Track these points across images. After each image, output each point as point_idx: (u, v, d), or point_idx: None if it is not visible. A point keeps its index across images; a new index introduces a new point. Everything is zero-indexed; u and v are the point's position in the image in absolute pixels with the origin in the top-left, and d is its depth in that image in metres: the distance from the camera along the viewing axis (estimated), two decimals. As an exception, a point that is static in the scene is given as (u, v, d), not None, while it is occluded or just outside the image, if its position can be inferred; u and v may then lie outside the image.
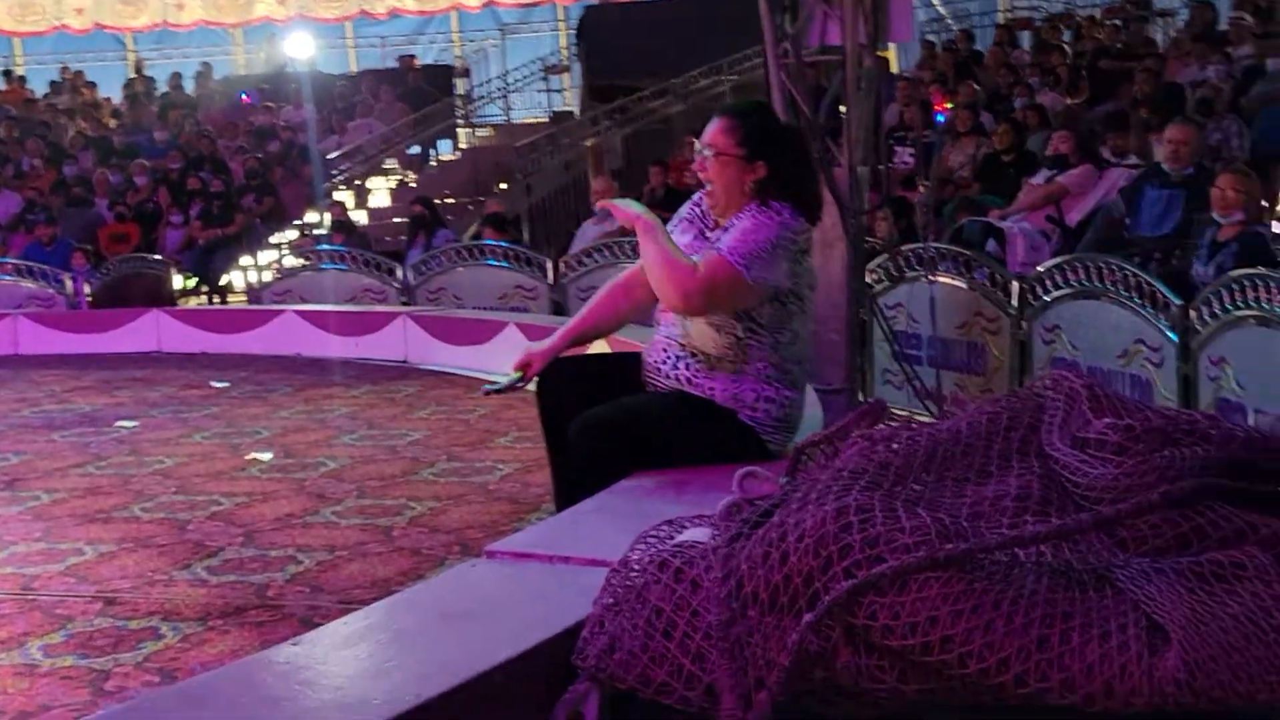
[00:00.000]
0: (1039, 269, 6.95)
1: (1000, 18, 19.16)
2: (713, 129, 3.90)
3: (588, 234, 11.21)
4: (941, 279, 7.39)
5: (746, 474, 2.86)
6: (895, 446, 2.68)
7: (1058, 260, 6.88)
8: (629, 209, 3.89)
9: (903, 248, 7.68)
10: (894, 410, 7.87)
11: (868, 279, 7.62)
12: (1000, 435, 2.72)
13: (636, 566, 2.60)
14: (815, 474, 2.73)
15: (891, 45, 12.97)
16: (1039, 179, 8.78)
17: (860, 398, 7.71)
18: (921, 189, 8.07)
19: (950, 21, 19.44)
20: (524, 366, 4.09)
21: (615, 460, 3.70)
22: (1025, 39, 16.02)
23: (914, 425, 2.87)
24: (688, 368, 3.88)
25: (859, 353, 7.72)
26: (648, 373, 3.99)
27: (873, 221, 8.38)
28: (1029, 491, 2.51)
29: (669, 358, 3.93)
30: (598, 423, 3.73)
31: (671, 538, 2.74)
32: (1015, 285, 6.98)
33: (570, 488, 3.79)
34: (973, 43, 16.18)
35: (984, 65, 14.04)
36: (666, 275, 3.75)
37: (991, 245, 8.05)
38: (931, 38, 17.44)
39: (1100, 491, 2.43)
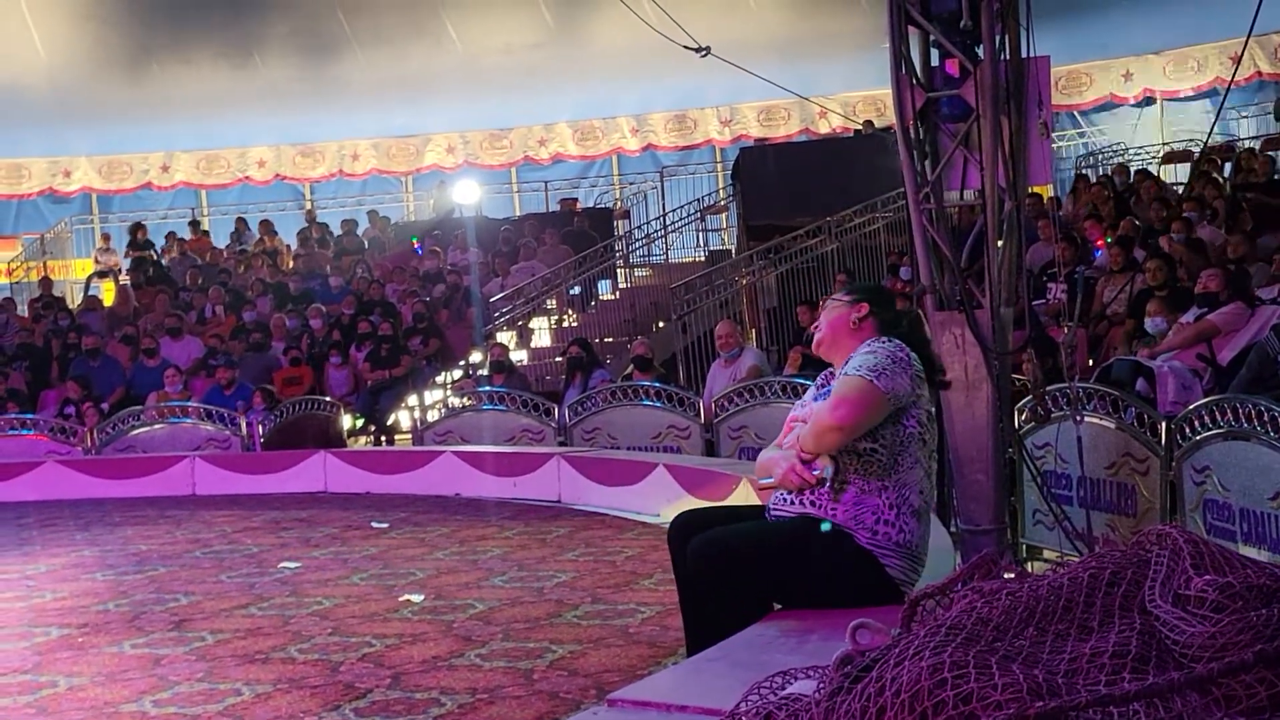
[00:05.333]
0: (1187, 409, 6.87)
1: (1158, 151, 19.04)
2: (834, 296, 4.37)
3: (718, 376, 11.37)
4: (1090, 419, 7.35)
5: (859, 625, 2.94)
6: (998, 602, 2.74)
7: (1206, 400, 6.80)
8: (776, 466, 4.12)
9: (1049, 387, 7.65)
10: (1046, 551, 7.83)
11: (1015, 419, 7.61)
12: (1103, 590, 2.76)
13: (744, 718, 2.69)
14: (919, 628, 2.80)
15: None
16: (1189, 317, 8.69)
17: (1010, 538, 7.65)
18: (1065, 329, 8.05)
19: (1107, 155, 19.38)
20: None
21: (733, 580, 3.85)
22: (1182, 172, 15.87)
23: (1022, 578, 2.92)
24: (812, 491, 4.02)
25: (1008, 493, 7.68)
26: (774, 507, 4.13)
27: (1019, 360, 8.36)
28: (1127, 648, 2.54)
29: (793, 494, 4.08)
30: (715, 540, 3.90)
31: (782, 689, 2.82)
32: (1163, 426, 6.91)
33: (692, 608, 3.96)
34: (1129, 176, 16.08)
35: (1139, 199, 13.95)
36: (815, 425, 3.99)
37: (1141, 384, 7.97)
38: (1088, 171, 17.39)
39: (1197, 649, 2.46)
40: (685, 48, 10.87)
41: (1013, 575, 2.99)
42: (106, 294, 20.55)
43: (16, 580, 7.85)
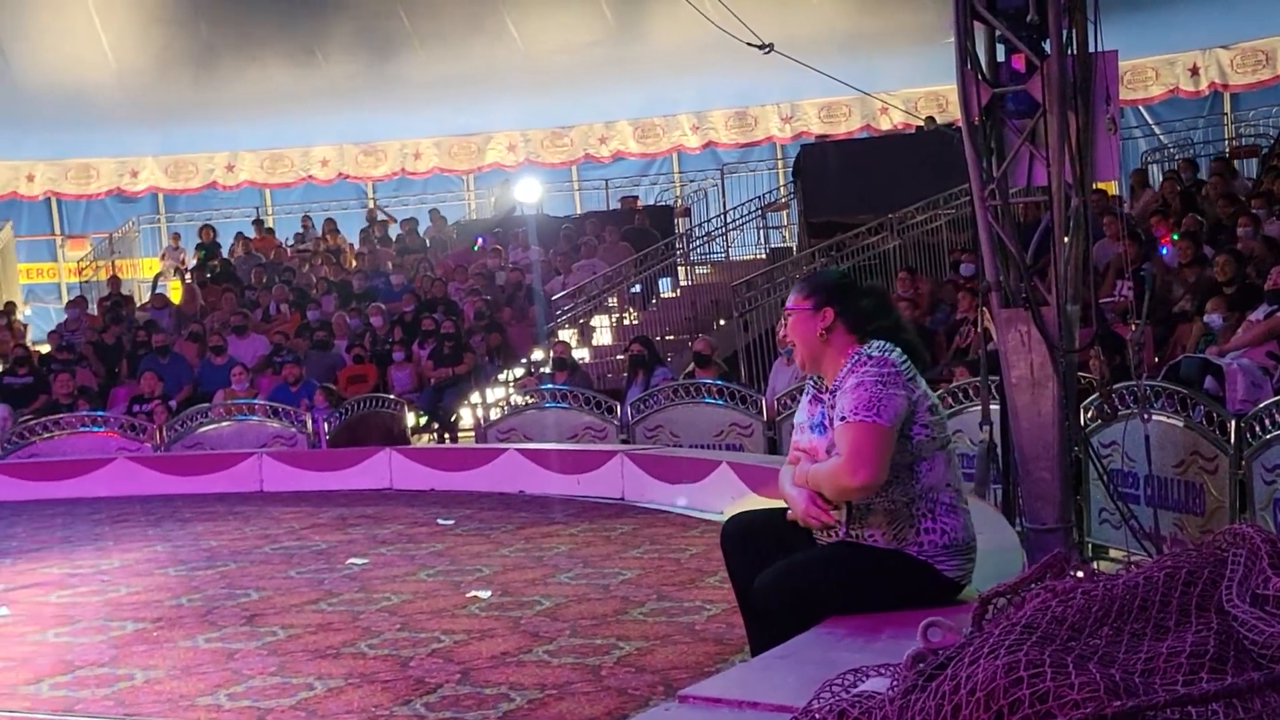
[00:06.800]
0: (1257, 407, 6.80)
1: (1225, 146, 18.79)
2: (789, 299, 4.21)
3: (780, 374, 11.37)
4: (1157, 417, 7.29)
5: (930, 624, 2.94)
6: (1072, 601, 2.74)
7: (1276, 399, 6.73)
8: (795, 503, 4.09)
9: (1116, 385, 7.59)
10: (1112, 550, 7.78)
11: (1081, 417, 7.56)
12: (1179, 590, 2.75)
13: (818, 715, 2.70)
14: (992, 627, 2.80)
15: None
16: (1259, 314, 8.59)
17: (1075, 537, 7.60)
18: (1133, 326, 7.98)
19: (1173, 150, 19.16)
20: None
21: (803, 615, 3.84)
22: (1250, 168, 15.65)
23: (1095, 577, 2.91)
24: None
25: (1074, 492, 7.62)
26: (817, 536, 4.13)
27: (1086, 358, 8.29)
28: (1205, 648, 2.53)
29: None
30: (781, 581, 3.88)
31: (854, 687, 2.83)
32: (1233, 424, 6.84)
33: (761, 644, 3.96)
34: (1196, 172, 15.89)
35: (1205, 195, 13.79)
36: (832, 482, 3.93)
37: (1210, 383, 7.90)
38: (1152, 167, 17.20)
39: (1276, 650, 2.45)
40: (748, 44, 10.84)
41: (1083, 575, 2.99)
42: (173, 292, 20.82)
43: (91, 575, 7.99)
